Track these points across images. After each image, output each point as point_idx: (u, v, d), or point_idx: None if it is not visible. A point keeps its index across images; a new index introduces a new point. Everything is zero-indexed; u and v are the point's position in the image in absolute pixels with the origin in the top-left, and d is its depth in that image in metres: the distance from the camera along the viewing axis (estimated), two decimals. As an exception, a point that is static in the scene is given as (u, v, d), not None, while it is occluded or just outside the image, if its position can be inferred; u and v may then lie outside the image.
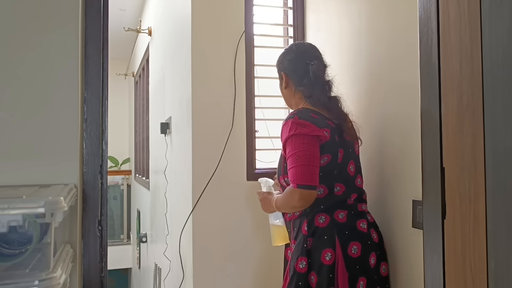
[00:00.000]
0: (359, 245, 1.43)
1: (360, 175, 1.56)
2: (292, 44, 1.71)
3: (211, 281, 2.08)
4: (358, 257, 1.43)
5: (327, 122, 1.48)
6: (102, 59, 1.11)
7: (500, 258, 0.76)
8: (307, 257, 1.44)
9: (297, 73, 1.59)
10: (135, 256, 5.20)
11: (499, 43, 0.75)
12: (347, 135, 1.51)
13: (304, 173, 1.40)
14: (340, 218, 1.46)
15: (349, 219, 1.46)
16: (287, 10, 2.33)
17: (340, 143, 1.48)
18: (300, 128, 1.42)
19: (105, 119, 1.11)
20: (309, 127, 1.43)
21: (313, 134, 1.43)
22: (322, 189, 1.46)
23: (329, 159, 1.46)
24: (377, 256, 1.48)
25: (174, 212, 2.70)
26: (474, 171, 0.81)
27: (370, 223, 1.51)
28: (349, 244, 1.43)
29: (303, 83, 1.57)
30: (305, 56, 1.59)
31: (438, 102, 0.90)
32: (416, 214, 1.39)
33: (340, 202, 1.48)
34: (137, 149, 5.40)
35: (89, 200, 1.08)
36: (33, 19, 1.04)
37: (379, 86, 1.61)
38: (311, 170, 1.40)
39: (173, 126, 2.77)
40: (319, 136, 1.43)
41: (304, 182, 1.39)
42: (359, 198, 1.52)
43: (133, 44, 5.90)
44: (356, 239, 1.44)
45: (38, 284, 0.76)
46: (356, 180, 1.54)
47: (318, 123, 1.46)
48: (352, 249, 1.42)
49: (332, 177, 1.47)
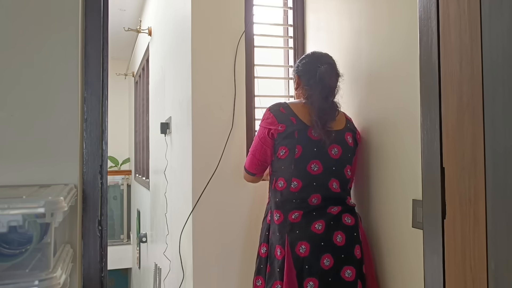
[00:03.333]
0: (308, 245, 1.51)
1: (335, 179, 1.59)
2: (310, 51, 1.81)
3: (211, 281, 2.08)
4: (306, 256, 1.50)
5: (290, 118, 1.60)
6: (102, 59, 1.11)
7: (500, 258, 0.76)
8: (267, 244, 1.64)
9: (307, 75, 1.69)
10: (135, 256, 5.20)
11: (499, 43, 0.75)
12: (317, 135, 1.57)
13: (248, 160, 1.73)
14: (293, 218, 1.56)
15: (303, 219, 1.55)
16: (287, 10, 2.33)
17: (300, 140, 1.57)
18: (264, 121, 1.65)
19: (105, 119, 1.11)
20: (269, 120, 1.63)
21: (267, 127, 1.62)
22: (282, 182, 1.60)
23: (286, 153, 1.60)
24: (338, 260, 1.51)
25: (174, 212, 2.70)
26: (474, 171, 0.81)
27: (338, 226, 1.54)
28: (297, 243, 1.52)
29: (309, 83, 1.67)
30: (318, 61, 1.70)
31: (438, 102, 0.90)
32: (416, 214, 1.39)
33: (297, 199, 1.56)
34: (137, 149, 5.40)
35: (89, 200, 1.08)
36: (33, 19, 1.04)
37: (379, 86, 1.61)
38: (252, 160, 1.70)
39: (173, 126, 2.77)
40: (269, 130, 1.61)
41: (247, 167, 1.75)
42: (329, 201, 1.57)
43: (133, 44, 5.90)
44: (305, 239, 1.52)
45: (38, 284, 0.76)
46: (331, 184, 1.58)
47: (280, 117, 1.61)
48: (300, 248, 1.51)
49: (289, 171, 1.59)
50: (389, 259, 1.55)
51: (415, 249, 1.40)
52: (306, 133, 1.58)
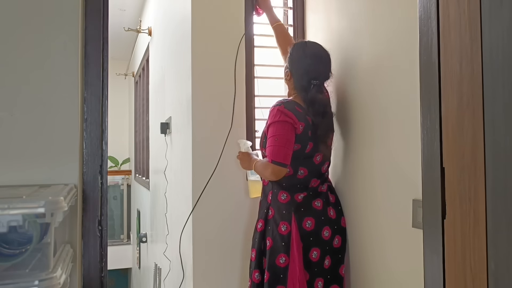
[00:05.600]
0: (313, 220, 1.71)
1: (327, 161, 1.81)
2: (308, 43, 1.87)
3: (211, 281, 2.08)
4: (312, 230, 1.70)
5: (306, 117, 1.70)
6: (102, 59, 1.11)
7: (500, 258, 0.76)
8: (264, 221, 1.77)
9: (299, 70, 1.76)
10: (135, 256, 5.20)
11: (499, 43, 0.75)
12: (321, 131, 1.73)
13: (279, 152, 1.65)
14: (299, 198, 1.73)
15: (306, 199, 1.73)
16: (287, 10, 2.33)
17: (312, 138, 1.71)
18: (283, 116, 1.67)
19: (105, 119, 1.11)
20: (290, 118, 1.66)
21: (292, 123, 1.67)
22: (288, 169, 1.70)
23: (298, 148, 1.69)
24: (333, 230, 1.75)
25: (174, 212, 2.70)
26: (474, 171, 0.81)
27: (329, 203, 1.78)
28: (304, 219, 1.70)
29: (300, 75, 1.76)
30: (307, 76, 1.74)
31: (438, 102, 0.90)
32: (416, 214, 1.39)
33: (301, 184, 1.73)
34: (137, 149, 5.40)
35: (89, 200, 1.08)
36: (33, 20, 1.04)
37: (379, 86, 1.61)
38: (285, 151, 1.65)
39: (173, 126, 2.77)
40: (295, 128, 1.67)
41: (277, 159, 1.65)
42: (321, 181, 1.79)
43: (133, 44, 5.90)
44: (310, 215, 1.71)
45: (38, 284, 0.77)
46: (323, 167, 1.78)
47: (299, 116, 1.68)
48: (307, 223, 1.70)
49: (298, 162, 1.71)
50: (389, 259, 1.55)
51: (415, 249, 1.40)
52: (316, 131, 1.72)
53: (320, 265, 1.71)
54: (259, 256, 1.76)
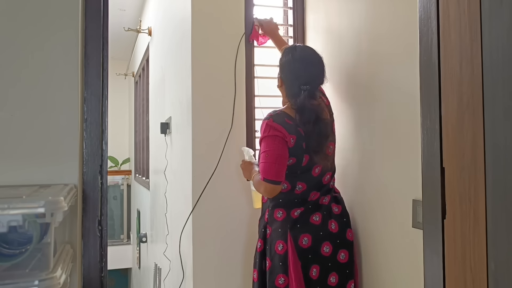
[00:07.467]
0: (310, 237, 1.62)
1: (328, 172, 1.70)
2: (297, 47, 1.77)
3: (211, 281, 2.08)
4: (309, 247, 1.62)
5: (297, 129, 1.60)
6: (102, 59, 1.11)
7: (500, 258, 0.76)
8: (263, 240, 1.70)
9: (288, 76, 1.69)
10: (135, 256, 5.20)
11: (499, 43, 0.75)
12: (313, 140, 1.62)
13: (270, 170, 1.58)
14: (295, 215, 1.65)
15: (303, 215, 1.65)
16: (287, 10, 2.33)
17: (307, 150, 1.62)
18: (272, 131, 1.59)
19: (105, 119, 1.11)
20: (280, 131, 1.58)
21: (282, 137, 1.58)
22: (285, 185, 1.64)
23: (294, 162, 1.62)
24: (335, 245, 1.65)
25: (174, 212, 2.70)
26: (474, 171, 0.81)
27: (331, 215, 1.68)
28: (299, 236, 1.62)
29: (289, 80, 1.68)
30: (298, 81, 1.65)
31: (438, 102, 0.90)
32: (416, 214, 1.39)
33: (299, 199, 1.66)
34: (137, 149, 5.40)
35: (89, 200, 1.08)
36: (33, 20, 1.04)
37: (379, 86, 1.61)
38: (277, 168, 1.58)
39: (173, 126, 2.77)
40: (286, 142, 1.59)
41: (269, 177, 1.58)
42: (322, 193, 1.69)
43: (133, 44, 5.90)
44: (306, 231, 1.63)
45: (38, 284, 0.77)
46: (323, 179, 1.69)
47: (289, 128, 1.59)
48: (303, 240, 1.62)
49: (295, 176, 1.64)
50: (389, 259, 1.55)
51: (415, 249, 1.40)
52: (310, 141, 1.62)
53: (323, 282, 1.62)
54: (261, 277, 1.70)
